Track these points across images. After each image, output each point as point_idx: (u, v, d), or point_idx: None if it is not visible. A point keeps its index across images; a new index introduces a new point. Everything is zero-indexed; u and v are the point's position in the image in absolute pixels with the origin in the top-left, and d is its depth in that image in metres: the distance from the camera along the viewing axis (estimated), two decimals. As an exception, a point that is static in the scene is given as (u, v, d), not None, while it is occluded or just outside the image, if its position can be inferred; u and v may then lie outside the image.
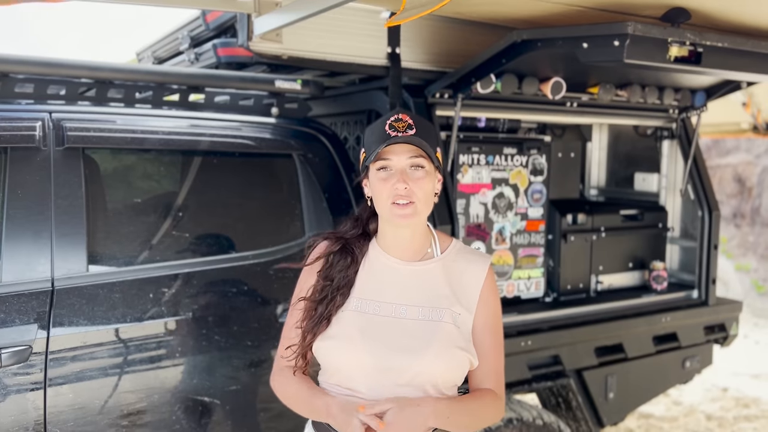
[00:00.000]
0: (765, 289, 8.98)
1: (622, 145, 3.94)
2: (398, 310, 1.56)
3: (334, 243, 1.65)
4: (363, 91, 3.04)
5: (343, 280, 1.60)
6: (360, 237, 1.66)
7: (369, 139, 1.57)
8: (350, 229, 1.67)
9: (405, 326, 1.55)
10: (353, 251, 1.63)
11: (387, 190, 1.52)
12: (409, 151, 1.52)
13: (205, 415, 2.23)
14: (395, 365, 1.51)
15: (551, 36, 2.37)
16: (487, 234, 3.04)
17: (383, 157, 1.52)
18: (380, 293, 1.59)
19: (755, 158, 9.78)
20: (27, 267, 2.03)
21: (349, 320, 1.56)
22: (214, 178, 2.45)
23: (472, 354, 1.57)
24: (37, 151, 2.12)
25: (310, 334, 1.57)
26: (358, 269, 1.62)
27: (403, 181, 1.51)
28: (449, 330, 1.55)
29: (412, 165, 1.53)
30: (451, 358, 1.53)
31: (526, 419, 2.68)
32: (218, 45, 2.84)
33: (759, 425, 4.76)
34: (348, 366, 1.54)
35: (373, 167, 1.55)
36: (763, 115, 4.52)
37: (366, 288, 1.60)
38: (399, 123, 1.51)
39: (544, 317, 3.00)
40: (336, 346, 1.55)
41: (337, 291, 1.59)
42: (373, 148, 1.51)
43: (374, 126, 1.57)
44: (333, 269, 1.61)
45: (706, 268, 3.47)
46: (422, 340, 1.52)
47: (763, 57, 2.44)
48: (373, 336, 1.53)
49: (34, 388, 1.97)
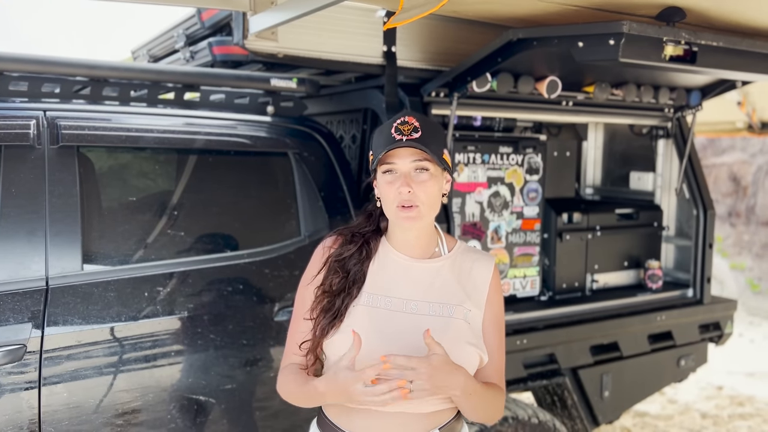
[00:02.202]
0: (760, 288, 9.01)
1: (617, 144, 3.95)
2: (409, 306, 1.58)
3: (350, 237, 1.67)
4: (359, 89, 3.04)
5: (358, 274, 1.62)
6: (373, 233, 1.68)
7: (376, 142, 1.59)
8: (364, 225, 1.70)
9: (416, 321, 1.56)
10: (368, 245, 1.65)
11: (392, 194, 1.54)
12: (413, 155, 1.54)
13: (201, 414, 2.23)
14: None
15: (547, 35, 2.37)
16: (483, 233, 3.04)
17: (388, 161, 1.55)
18: (391, 288, 1.60)
19: (750, 157, 9.81)
20: (21, 265, 2.02)
21: (360, 314, 1.57)
22: (210, 176, 2.44)
23: (482, 350, 1.58)
24: (32, 149, 2.11)
25: (327, 327, 1.57)
26: (370, 264, 1.64)
27: (407, 185, 1.52)
28: (460, 326, 1.56)
29: (416, 168, 1.54)
30: (461, 354, 1.53)
31: (521, 418, 2.69)
32: (214, 43, 2.84)
33: (753, 423, 4.77)
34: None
35: (379, 170, 1.58)
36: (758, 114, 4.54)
37: (376, 283, 1.61)
38: (405, 126, 1.53)
39: (540, 316, 3.01)
40: (347, 340, 1.53)
41: (353, 285, 1.60)
42: (379, 152, 1.54)
43: (381, 128, 1.59)
44: (348, 262, 1.63)
45: (701, 267, 3.48)
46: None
47: (758, 56, 2.45)
48: (384, 330, 1.54)
49: (28, 387, 1.96)
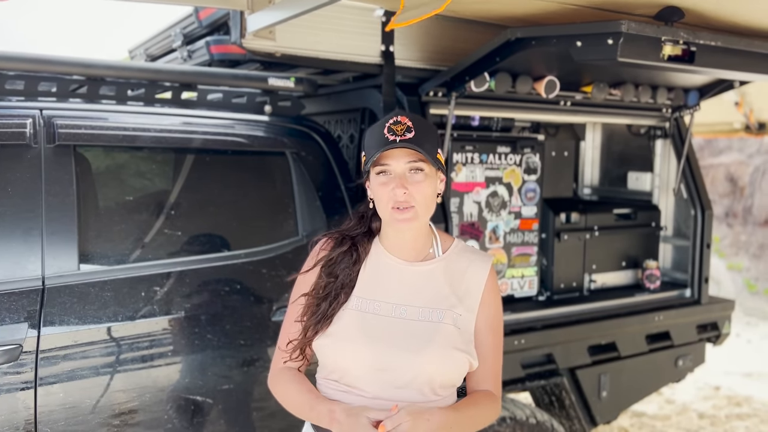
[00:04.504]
0: (757, 288, 9.02)
1: (615, 144, 3.95)
2: (398, 311, 1.56)
3: (339, 240, 1.65)
4: (356, 89, 3.03)
5: (347, 278, 1.59)
6: (364, 235, 1.66)
7: (369, 143, 1.56)
8: (355, 227, 1.67)
9: (404, 326, 1.54)
10: (358, 249, 1.63)
11: (386, 195, 1.52)
12: (407, 156, 1.51)
13: (198, 415, 2.22)
14: (394, 365, 1.50)
15: (545, 34, 2.37)
16: (481, 233, 3.04)
17: (381, 162, 1.52)
18: (380, 293, 1.59)
19: (747, 158, 9.82)
20: (17, 265, 2.01)
21: (348, 319, 1.56)
22: (207, 176, 2.43)
23: (471, 355, 1.56)
24: (28, 148, 2.10)
25: (312, 330, 1.56)
26: (360, 268, 1.62)
27: (402, 186, 1.50)
28: (449, 331, 1.54)
29: (411, 169, 1.52)
30: (449, 360, 1.52)
31: (519, 418, 2.68)
32: (211, 42, 2.83)
33: (751, 423, 4.78)
34: (347, 364, 1.53)
35: (372, 171, 1.55)
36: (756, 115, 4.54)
37: (367, 287, 1.60)
38: (397, 126, 1.50)
39: (538, 316, 3.01)
40: (335, 343, 1.54)
41: (341, 289, 1.58)
42: (372, 153, 1.51)
43: (373, 129, 1.57)
44: (338, 266, 1.61)
45: (699, 267, 3.48)
46: (421, 340, 1.52)
47: (756, 56, 2.45)
48: (372, 335, 1.53)
49: (24, 387, 1.95)
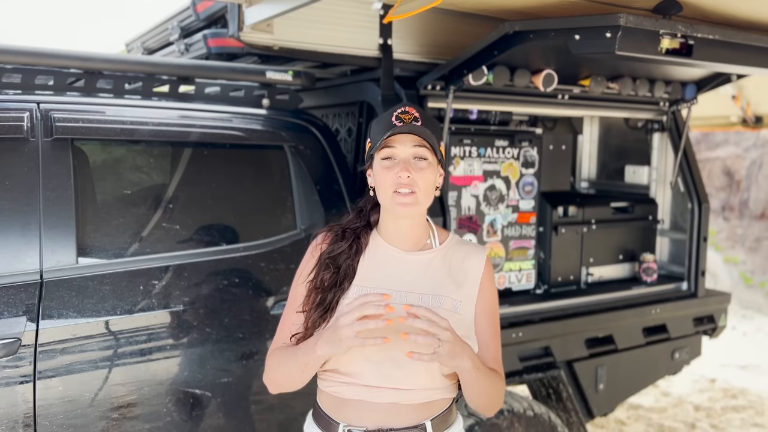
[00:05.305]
0: (753, 281, 9.06)
1: (612, 138, 3.95)
2: (398, 297, 1.59)
3: (340, 234, 1.69)
4: (355, 82, 3.02)
5: (349, 269, 1.63)
6: (363, 227, 1.70)
7: (375, 129, 1.62)
8: (354, 220, 1.71)
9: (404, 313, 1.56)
10: (359, 240, 1.67)
11: (390, 179, 1.56)
12: (413, 141, 1.56)
13: (197, 408, 2.22)
14: (394, 351, 1.53)
15: (543, 27, 2.37)
16: (479, 226, 3.04)
17: (388, 145, 1.57)
18: (380, 281, 1.62)
19: (744, 151, 9.84)
20: (15, 259, 2.01)
21: None
22: (205, 169, 2.43)
23: (472, 341, 1.60)
24: (25, 141, 2.09)
25: (319, 321, 1.58)
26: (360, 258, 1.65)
27: (406, 170, 1.55)
28: (449, 317, 1.56)
29: (415, 155, 1.57)
30: None
31: (516, 410, 2.69)
32: (208, 35, 2.82)
33: (746, 416, 4.81)
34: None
35: (377, 156, 1.59)
36: (753, 109, 4.55)
37: (366, 276, 1.63)
38: (405, 115, 1.57)
39: (535, 309, 3.02)
40: None
41: (344, 279, 1.62)
42: (379, 138, 1.56)
43: (381, 117, 1.63)
44: (340, 257, 1.64)
45: (696, 260, 3.50)
46: None
47: (753, 50, 2.45)
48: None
49: (23, 381, 1.96)
